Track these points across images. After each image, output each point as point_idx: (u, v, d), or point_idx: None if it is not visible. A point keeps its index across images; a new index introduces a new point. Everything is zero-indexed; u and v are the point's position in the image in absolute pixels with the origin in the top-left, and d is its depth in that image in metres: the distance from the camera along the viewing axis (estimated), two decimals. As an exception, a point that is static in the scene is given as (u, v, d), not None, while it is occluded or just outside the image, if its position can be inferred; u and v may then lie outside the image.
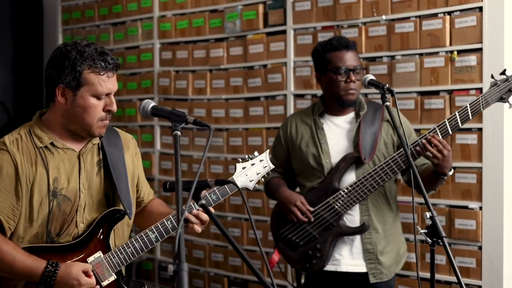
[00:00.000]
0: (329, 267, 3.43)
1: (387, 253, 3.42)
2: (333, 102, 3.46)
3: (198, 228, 2.70)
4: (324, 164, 3.44)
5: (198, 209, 2.67)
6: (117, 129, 2.85)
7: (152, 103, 2.43)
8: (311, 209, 3.41)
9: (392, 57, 4.10)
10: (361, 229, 3.38)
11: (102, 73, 2.54)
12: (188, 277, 5.06)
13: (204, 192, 2.75)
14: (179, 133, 2.26)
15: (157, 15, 5.35)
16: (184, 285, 1.84)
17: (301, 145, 3.52)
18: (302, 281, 3.54)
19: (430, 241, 2.69)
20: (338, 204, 3.36)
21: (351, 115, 3.49)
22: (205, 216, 2.68)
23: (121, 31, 5.64)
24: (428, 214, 2.67)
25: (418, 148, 3.21)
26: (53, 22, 6.28)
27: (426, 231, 2.70)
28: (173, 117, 2.33)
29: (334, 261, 3.42)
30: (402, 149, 3.24)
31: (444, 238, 2.65)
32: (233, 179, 2.79)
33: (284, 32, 4.57)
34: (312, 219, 3.41)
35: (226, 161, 4.92)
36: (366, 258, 3.40)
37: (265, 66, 4.70)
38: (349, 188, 3.34)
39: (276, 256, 3.59)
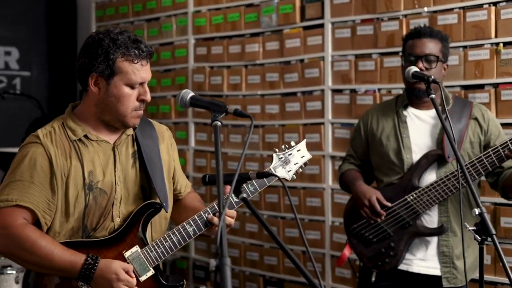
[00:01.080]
0: (400, 266, 3.30)
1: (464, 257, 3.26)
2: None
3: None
4: (405, 160, 3.29)
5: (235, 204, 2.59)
6: (151, 120, 2.78)
7: (191, 93, 2.35)
8: (389, 204, 3.28)
9: (435, 49, 3.96)
10: (438, 231, 3.22)
11: (135, 61, 2.47)
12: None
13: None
14: (219, 123, 2.17)
15: (191, 10, 5.29)
16: (227, 280, 1.75)
17: (381, 138, 3.37)
18: (373, 279, 3.42)
19: (479, 238, 2.55)
20: (416, 202, 3.22)
21: None
22: (228, 220, 2.59)
23: (155, 27, 5.59)
24: (477, 211, 2.54)
25: (507, 151, 3.06)
26: (87, 19, 6.25)
27: (475, 228, 2.56)
28: (213, 108, 2.24)
29: (406, 260, 3.29)
30: (489, 150, 3.11)
31: (494, 235, 2.51)
32: (270, 169, 2.70)
33: (321, 25, 4.47)
34: (382, 219, 3.29)
35: (262, 158, 4.83)
36: (441, 261, 3.25)
37: (302, 60, 4.60)
38: (429, 187, 3.19)
39: (347, 251, 3.48)
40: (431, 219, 3.26)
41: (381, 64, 4.21)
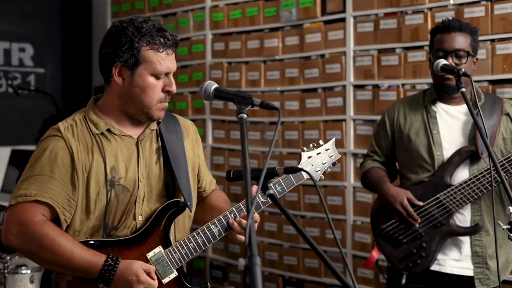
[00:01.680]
0: (432, 267, 3.17)
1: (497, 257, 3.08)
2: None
3: (242, 237, 2.48)
4: (436, 157, 3.16)
5: (237, 218, 2.48)
6: (175, 115, 2.68)
7: (215, 85, 2.26)
8: (420, 203, 3.15)
9: (461, 43, 3.84)
10: (473, 230, 3.09)
11: (161, 50, 2.38)
12: (241, 276, 4.82)
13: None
14: (245, 116, 2.08)
15: (209, 5, 5.19)
16: (257, 281, 1.64)
17: (410, 134, 3.24)
18: (403, 281, 3.29)
19: (514, 238, 2.45)
20: (449, 201, 3.10)
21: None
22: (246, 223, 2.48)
23: (172, 23, 5.49)
24: (511, 209, 2.43)
25: None
26: (103, 15, 6.17)
27: (509, 227, 2.46)
28: (238, 99, 2.15)
29: (438, 261, 3.16)
30: None
31: None
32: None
33: (343, 20, 4.36)
34: (417, 225, 3.16)
35: (281, 156, 4.73)
36: (474, 262, 3.12)
37: (322, 56, 4.49)
38: (463, 184, 3.07)
39: (375, 253, 3.33)
40: (463, 218, 3.13)
41: (405, 58, 4.09)
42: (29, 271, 3.97)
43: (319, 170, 2.63)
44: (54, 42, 6.19)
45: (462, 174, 3.12)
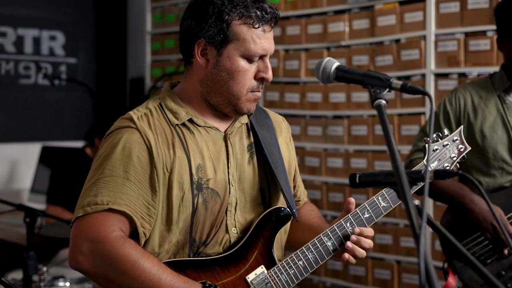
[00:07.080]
0: None
1: None
2: None
3: (351, 258, 1.99)
4: None
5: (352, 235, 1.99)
6: (264, 108, 2.21)
7: (336, 63, 1.77)
8: (509, 227, 2.59)
9: None
10: None
11: (256, 26, 1.90)
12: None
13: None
14: (383, 102, 1.58)
15: (262, -14, 4.68)
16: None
17: (483, 129, 2.72)
18: None
19: None
20: None
21: None
22: (368, 243, 2.00)
23: (219, 7, 5.00)
24: None
25: None
26: (139, 1, 5.67)
27: None
28: (370, 81, 1.65)
29: None
30: None
31: None
32: (423, 164, 2.11)
33: (423, -1, 3.86)
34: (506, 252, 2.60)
35: (347, 154, 4.21)
36: None
37: (397, 41, 3.98)
38: None
39: (452, 279, 2.72)
40: None
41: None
42: (67, 284, 3.56)
43: (448, 166, 2.14)
44: (87, 30, 5.71)
45: None
